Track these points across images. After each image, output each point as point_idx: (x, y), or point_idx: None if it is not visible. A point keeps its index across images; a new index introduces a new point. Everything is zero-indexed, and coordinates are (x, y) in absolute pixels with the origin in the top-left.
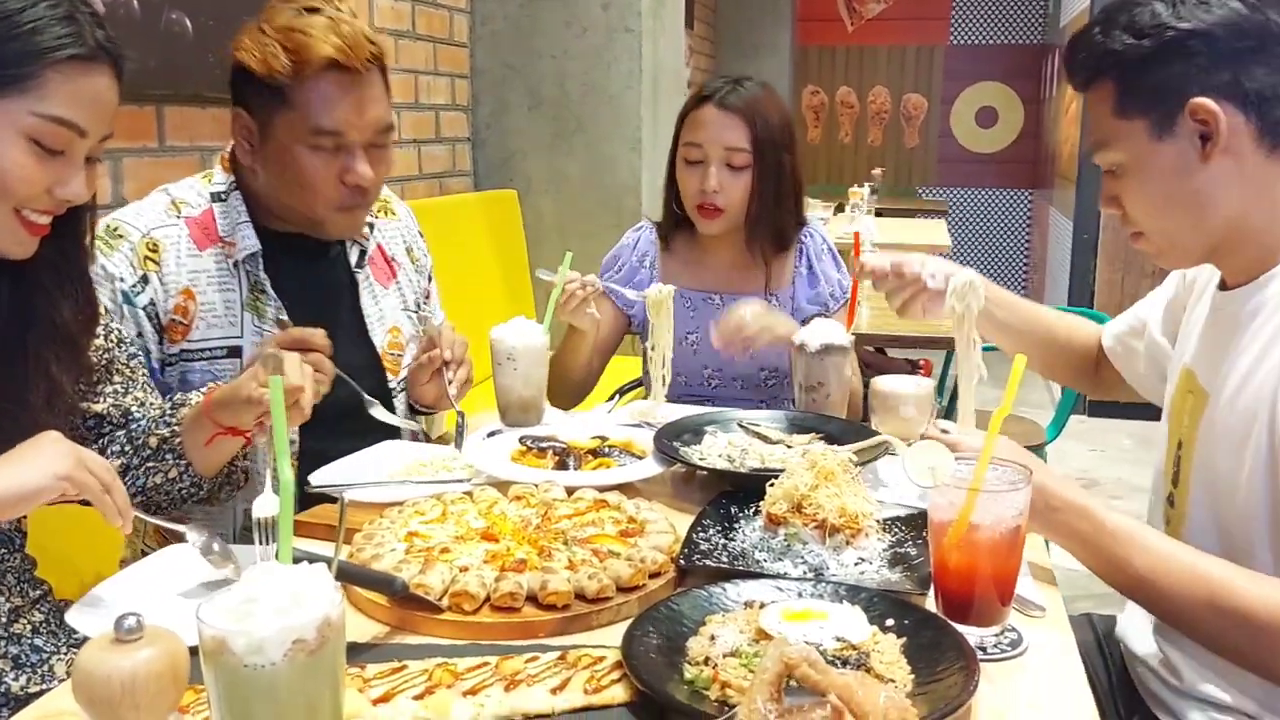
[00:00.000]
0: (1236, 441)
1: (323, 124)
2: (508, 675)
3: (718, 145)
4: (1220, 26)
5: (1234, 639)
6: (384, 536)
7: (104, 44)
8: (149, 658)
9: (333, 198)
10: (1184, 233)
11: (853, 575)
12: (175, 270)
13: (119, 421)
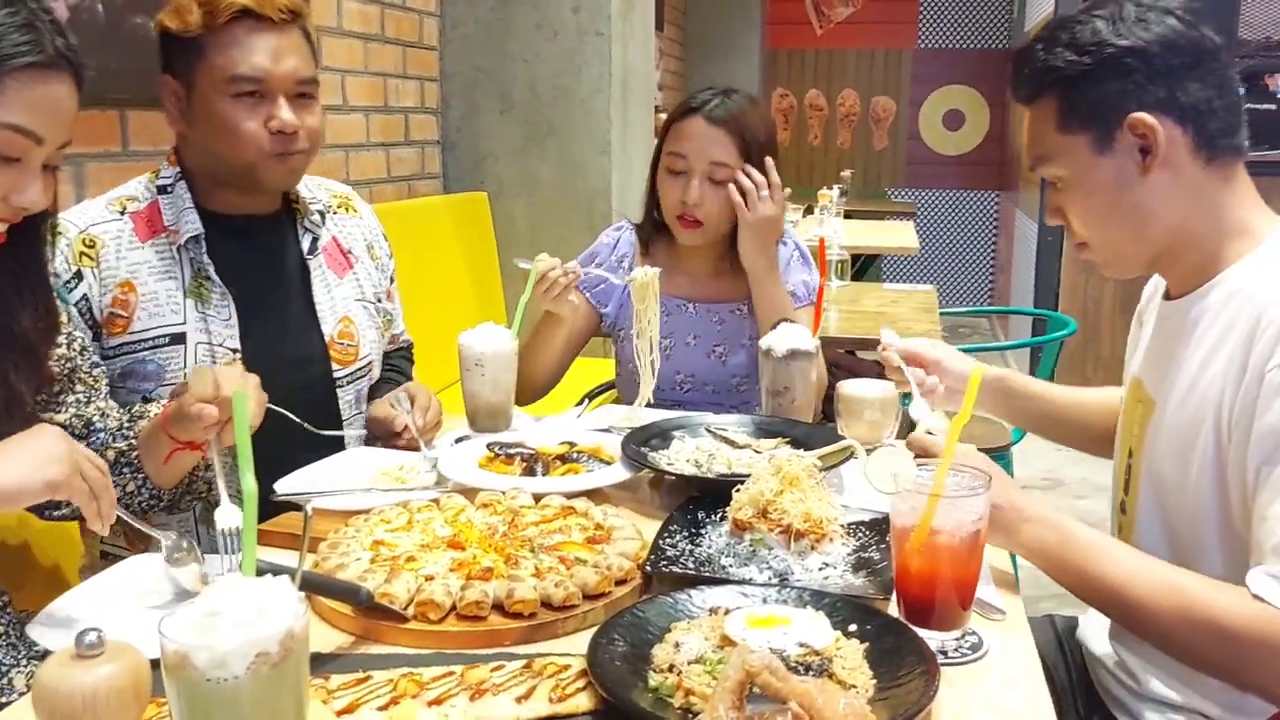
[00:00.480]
0: (1183, 447)
1: (240, 70)
2: (473, 684)
3: (702, 158)
4: (1156, 44)
5: (1206, 649)
6: (349, 545)
7: (63, 52)
8: (110, 673)
9: (262, 145)
10: (1126, 243)
11: (817, 580)
12: (114, 264)
13: (81, 433)
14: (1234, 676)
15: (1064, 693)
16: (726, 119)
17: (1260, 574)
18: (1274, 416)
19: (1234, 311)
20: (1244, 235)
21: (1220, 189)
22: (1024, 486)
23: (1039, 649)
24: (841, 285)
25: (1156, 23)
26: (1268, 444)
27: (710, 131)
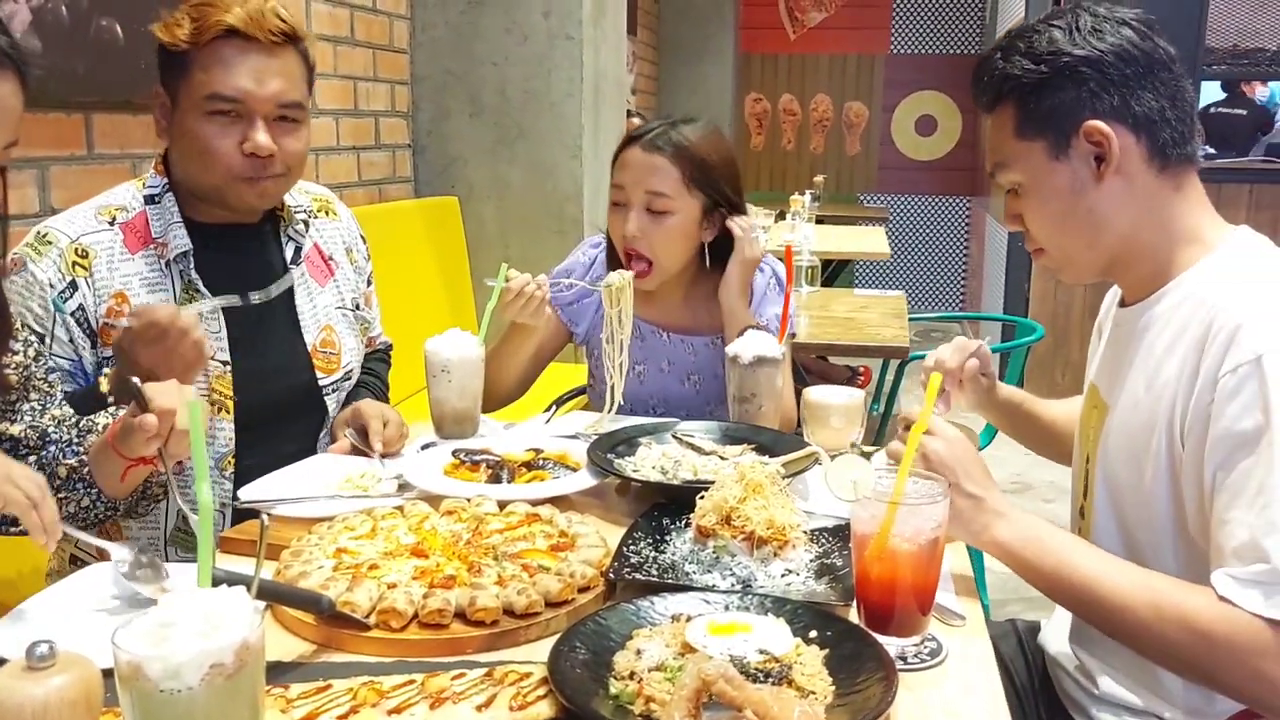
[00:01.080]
0: (1136, 451)
1: (216, 89)
2: (433, 693)
3: (639, 188)
4: (1111, 53)
5: (1178, 647)
6: (312, 553)
7: (6, 50)
8: (61, 685)
9: (233, 167)
10: (1080, 249)
11: (780, 587)
12: (107, 275)
13: (35, 444)
14: (1204, 675)
15: (1025, 695)
16: (665, 147)
17: (1223, 576)
18: (1228, 422)
19: (1185, 317)
20: (1195, 242)
21: (1172, 197)
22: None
23: (1002, 652)
24: (811, 291)
25: (1111, 33)
26: (1223, 449)
27: (647, 160)
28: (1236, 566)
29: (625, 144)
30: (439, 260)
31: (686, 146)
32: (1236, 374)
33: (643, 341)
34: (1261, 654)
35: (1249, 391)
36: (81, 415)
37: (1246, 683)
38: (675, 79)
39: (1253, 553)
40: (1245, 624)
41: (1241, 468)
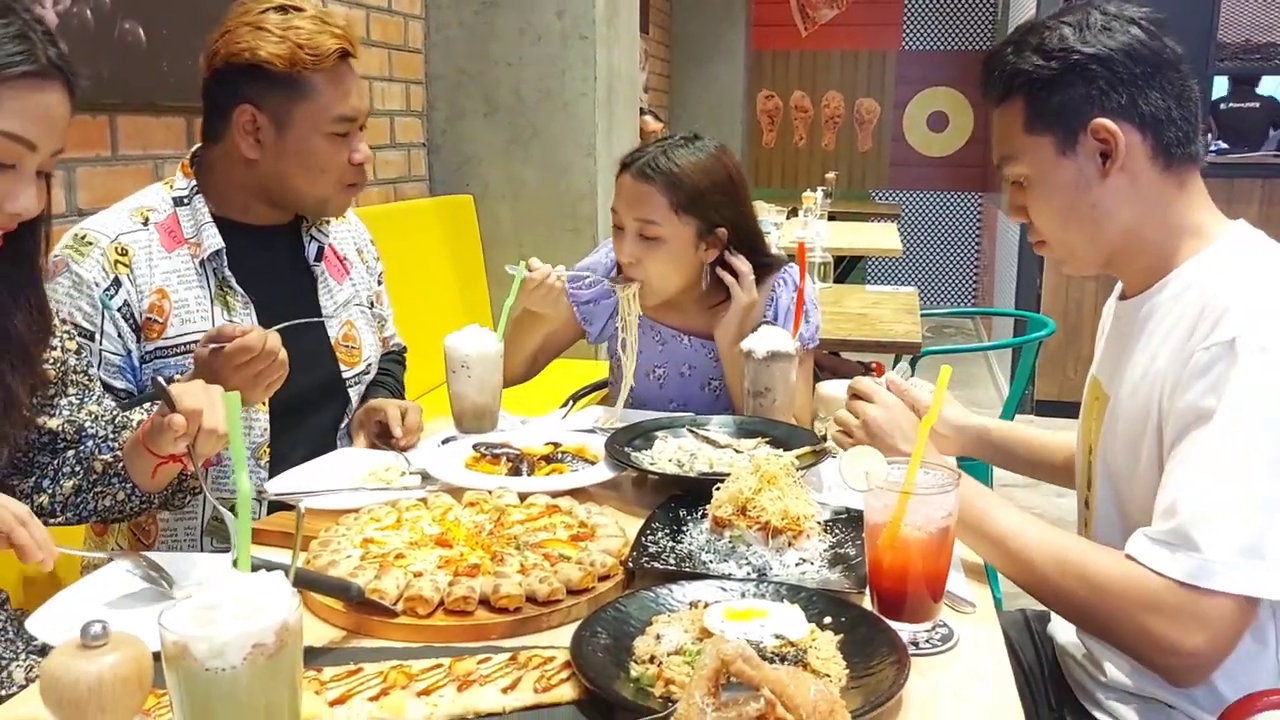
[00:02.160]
0: (1132, 438)
1: (344, 111)
2: (460, 676)
3: (630, 215)
4: (1120, 52)
5: (1075, 599)
6: (340, 543)
7: (56, 61)
8: (114, 662)
9: (342, 178)
10: (1082, 242)
11: (794, 575)
12: (147, 272)
13: (72, 438)
14: (1096, 627)
15: (1035, 683)
16: (654, 175)
17: (1139, 536)
18: (1193, 396)
19: (1183, 306)
20: (1196, 236)
21: (1174, 194)
22: (1004, 485)
23: (1013, 642)
24: (824, 287)
25: (1121, 32)
26: (1182, 421)
27: (636, 187)
28: (1157, 527)
29: (620, 169)
30: (454, 258)
31: (676, 174)
32: (1209, 352)
33: (663, 346)
34: (1149, 609)
35: (1216, 371)
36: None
37: (1131, 636)
38: (687, 77)
39: (1170, 514)
40: (1140, 578)
41: (1190, 437)
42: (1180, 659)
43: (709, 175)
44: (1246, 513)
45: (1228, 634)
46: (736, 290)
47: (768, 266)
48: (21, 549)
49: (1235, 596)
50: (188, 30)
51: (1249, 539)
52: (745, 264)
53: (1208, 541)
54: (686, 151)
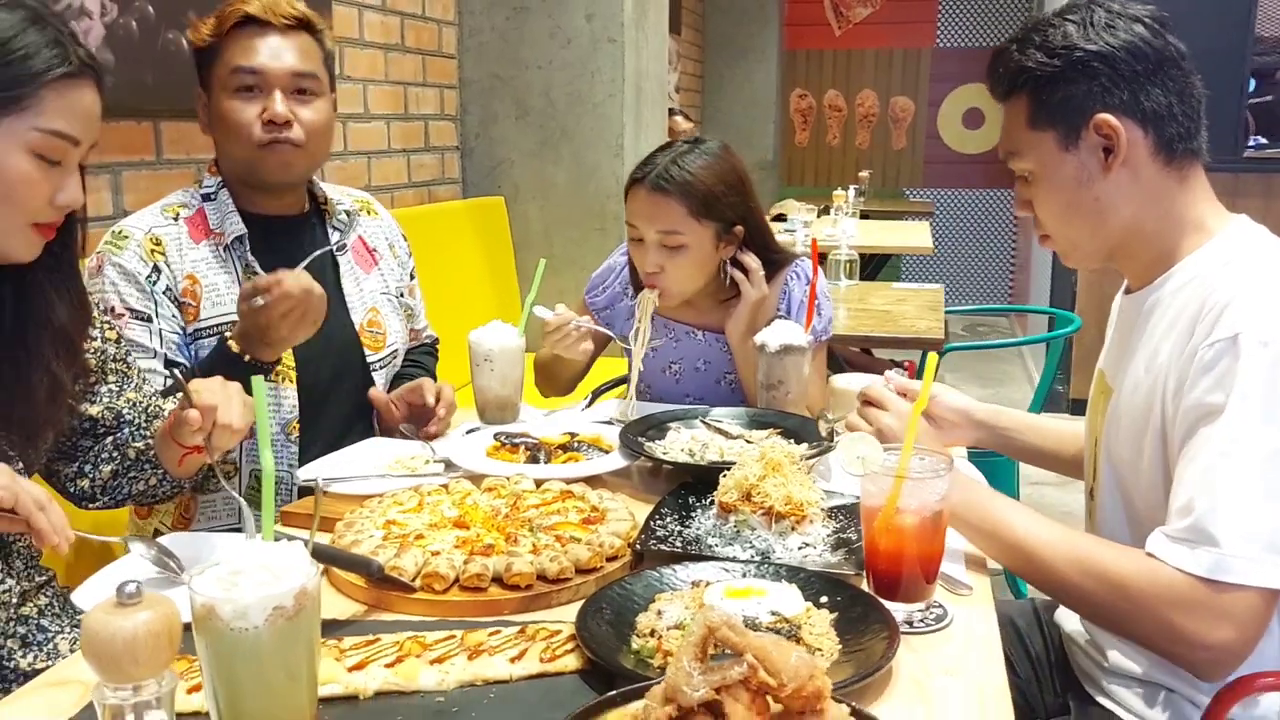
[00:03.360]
0: (1136, 431)
1: (239, 63)
2: (471, 646)
3: (650, 227)
4: (1123, 49)
5: (1097, 598)
6: (364, 524)
7: (86, 61)
8: (147, 619)
9: (255, 135)
10: (1084, 236)
11: (796, 559)
12: (178, 259)
13: (111, 424)
14: (1119, 626)
15: (1042, 670)
16: (669, 185)
17: (1158, 534)
18: (1199, 393)
19: (1185, 300)
20: (1198, 231)
21: (1175, 189)
22: (1035, 484)
23: (1021, 631)
24: (850, 284)
25: (1124, 29)
26: (1190, 418)
27: (654, 199)
28: (1174, 525)
29: (632, 182)
30: (486, 258)
31: (690, 181)
32: (1213, 349)
33: (678, 342)
34: (1173, 605)
35: (1221, 367)
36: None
37: (1157, 633)
38: (720, 77)
39: (1187, 512)
40: (1164, 576)
41: (1201, 434)
42: (1209, 653)
43: (721, 177)
44: (1261, 506)
45: (1253, 626)
46: (746, 286)
47: (778, 262)
48: (39, 533)
49: (1257, 589)
50: None
51: (1265, 532)
52: (755, 260)
53: (1225, 536)
54: (695, 157)
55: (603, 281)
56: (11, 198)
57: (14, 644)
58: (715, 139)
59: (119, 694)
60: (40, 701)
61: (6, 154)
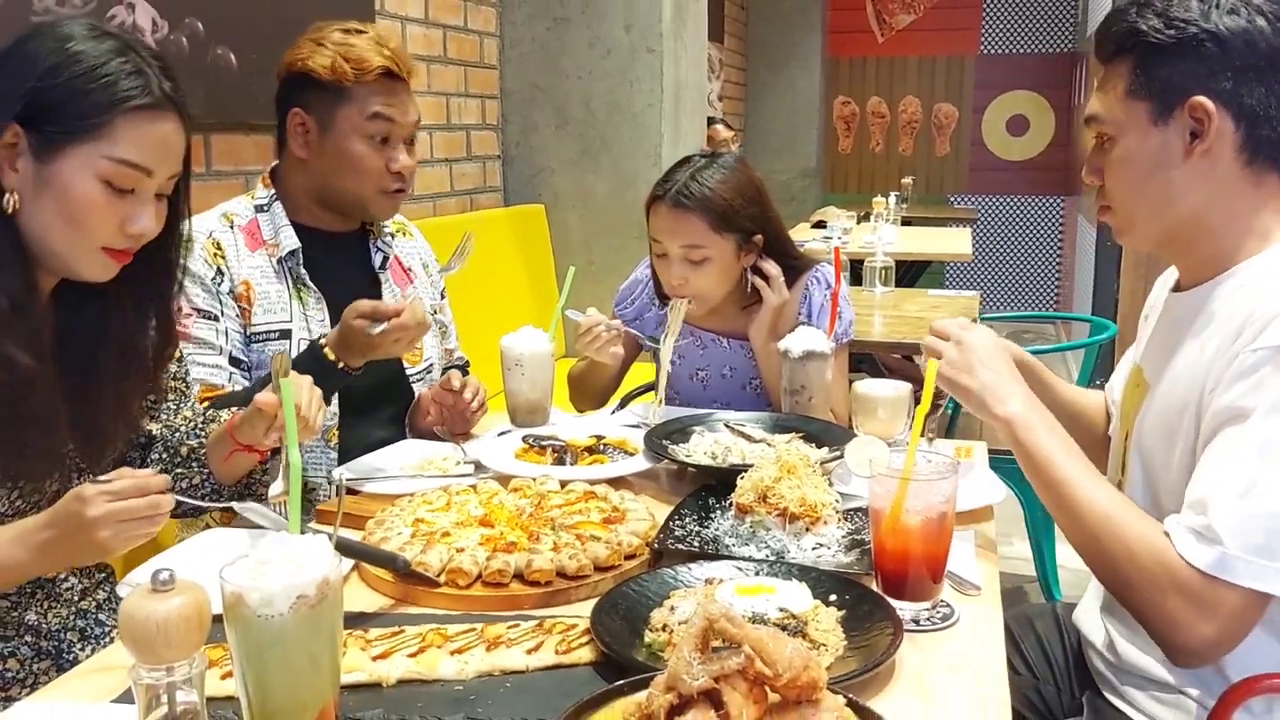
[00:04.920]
0: (1168, 428)
1: (379, 110)
2: (490, 639)
3: (673, 243)
4: (1239, 37)
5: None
6: (393, 522)
7: (169, 94)
8: (180, 604)
9: (380, 183)
10: (1146, 216)
11: (810, 558)
12: (236, 264)
13: (165, 436)
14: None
15: (1059, 671)
16: (689, 201)
17: (1173, 519)
18: (1232, 396)
19: (1234, 306)
20: (1260, 238)
21: (1248, 191)
22: None
23: (1040, 634)
24: (885, 291)
25: (1245, 17)
26: (1219, 418)
27: (676, 215)
28: (1189, 514)
29: (653, 199)
30: (526, 265)
31: (709, 196)
32: (1255, 355)
33: (703, 350)
34: (1170, 588)
35: (1260, 374)
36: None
37: (1150, 608)
38: (763, 84)
39: (1201, 507)
40: (1170, 557)
41: (1225, 434)
42: (1188, 641)
43: (738, 190)
44: (1270, 512)
45: (1236, 626)
46: (768, 293)
47: (798, 268)
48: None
49: (1248, 591)
50: (275, 54)
51: (1268, 537)
52: (775, 267)
53: (1230, 536)
54: (712, 172)
55: (630, 294)
56: (80, 222)
57: (73, 636)
58: (731, 152)
59: (153, 674)
60: (87, 685)
61: (77, 180)
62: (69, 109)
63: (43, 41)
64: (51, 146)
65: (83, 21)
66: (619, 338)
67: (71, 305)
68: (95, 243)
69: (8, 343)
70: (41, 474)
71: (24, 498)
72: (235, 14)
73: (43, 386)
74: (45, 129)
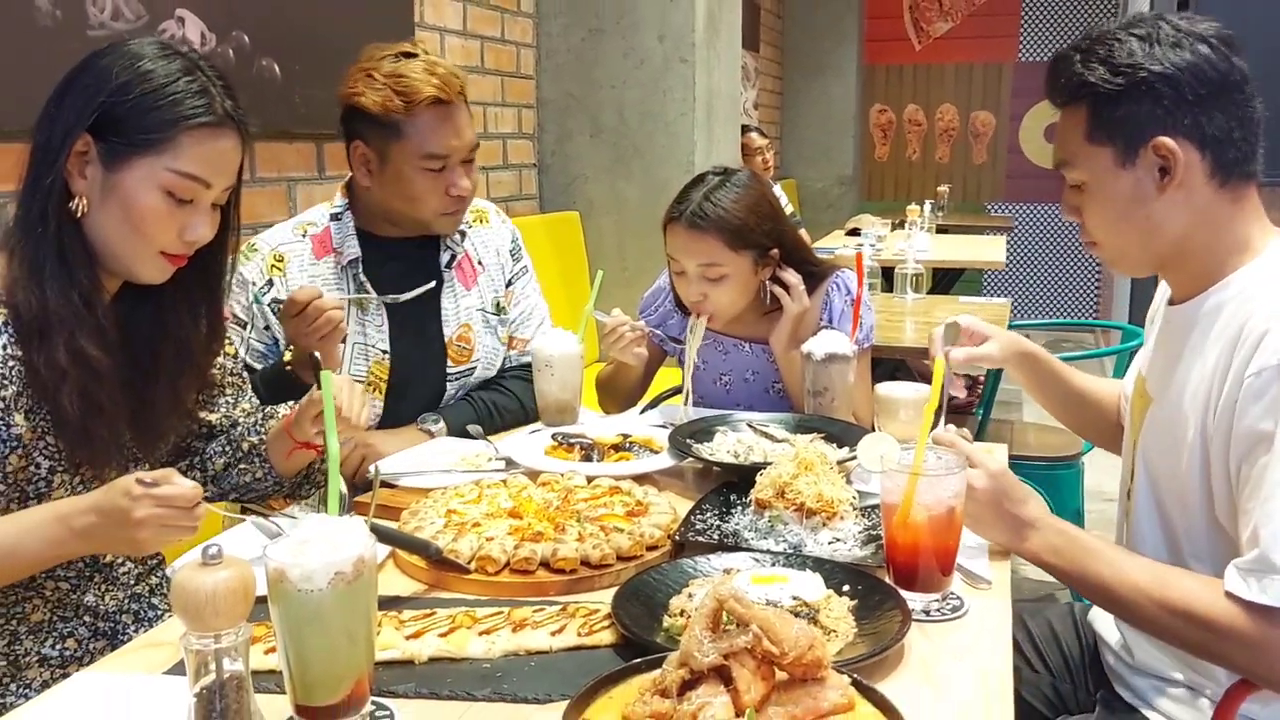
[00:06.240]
0: (1173, 442)
1: (432, 150)
2: (516, 621)
3: (691, 262)
4: (1187, 71)
5: (1185, 635)
6: (427, 513)
7: (230, 112)
8: (227, 576)
9: (439, 207)
10: (1133, 249)
11: (826, 552)
12: (297, 275)
13: (225, 428)
14: (1213, 659)
15: (1076, 671)
16: (704, 222)
17: (1232, 570)
18: (1251, 420)
19: (1227, 317)
20: (1245, 249)
21: (1228, 208)
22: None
23: (1057, 633)
24: (916, 298)
25: (1189, 49)
26: (1244, 445)
27: (690, 236)
28: (1248, 557)
29: (669, 219)
30: (562, 271)
31: (724, 215)
32: (1261, 377)
33: (726, 355)
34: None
35: (1271, 394)
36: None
37: (1246, 667)
38: (799, 92)
39: (1253, 542)
40: (1242, 613)
41: (1259, 464)
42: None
43: (751, 207)
44: None
45: None
46: (788, 301)
47: (817, 275)
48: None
49: None
50: (317, 65)
51: None
52: (795, 276)
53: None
54: (725, 191)
55: (654, 300)
56: (142, 229)
57: (128, 619)
58: (744, 170)
59: (202, 641)
60: (139, 659)
61: (141, 190)
62: (137, 123)
63: (115, 59)
64: (119, 157)
65: (152, 40)
66: (643, 338)
67: (132, 305)
68: (155, 247)
69: (81, 336)
70: (103, 463)
71: (85, 485)
72: (279, 27)
73: (109, 380)
74: (114, 140)
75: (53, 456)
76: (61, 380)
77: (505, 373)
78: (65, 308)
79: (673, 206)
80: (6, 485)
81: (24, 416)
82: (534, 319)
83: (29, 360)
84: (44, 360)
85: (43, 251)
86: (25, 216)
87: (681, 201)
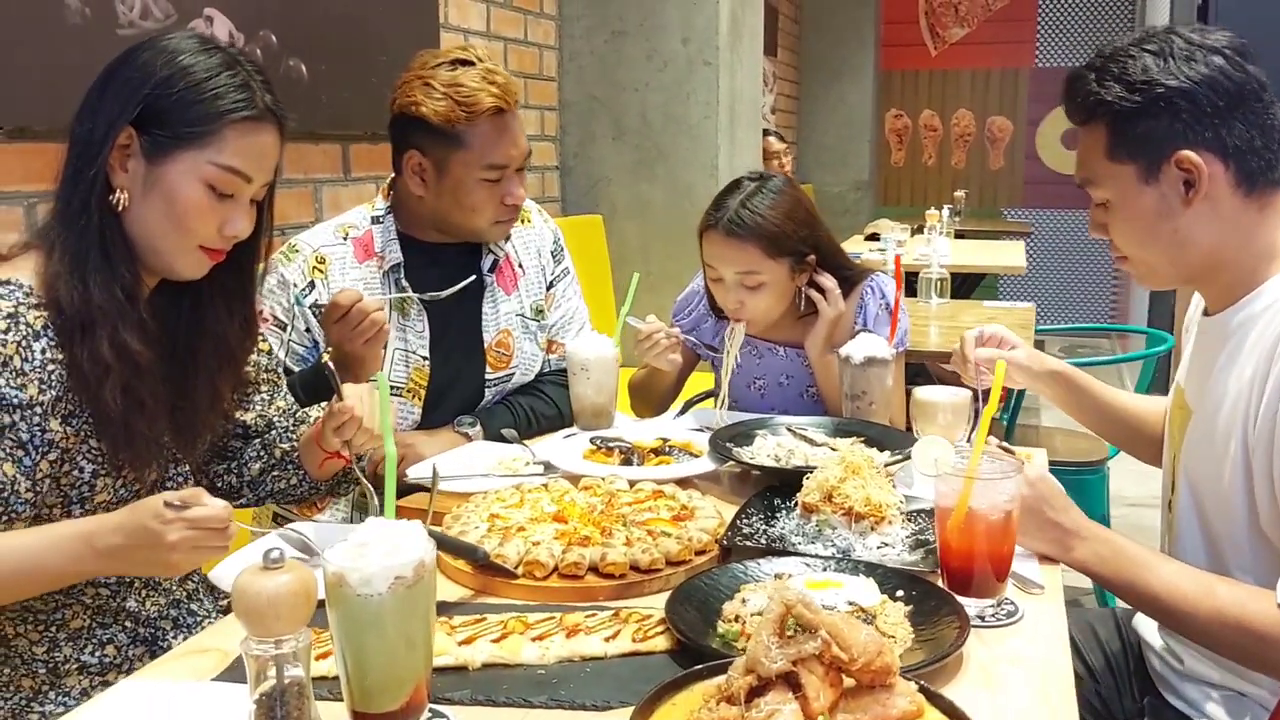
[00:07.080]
0: (1215, 453)
1: (493, 160)
2: (569, 627)
3: (729, 270)
4: (1203, 84)
5: (1238, 648)
6: (470, 517)
7: (271, 107)
8: (289, 580)
9: (495, 215)
10: (1163, 263)
11: (875, 556)
12: (339, 278)
13: (262, 430)
14: (1264, 669)
15: (1120, 675)
16: (741, 230)
17: None
18: None
19: (1262, 327)
20: (1275, 256)
21: (1256, 217)
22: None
23: (1100, 638)
24: (941, 303)
25: (1203, 62)
26: None
27: (730, 243)
28: None
29: (706, 226)
30: (585, 275)
31: (761, 224)
32: None
33: (760, 359)
34: None
35: None
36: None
37: None
38: (815, 97)
39: None
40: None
41: None
42: None
43: (788, 214)
44: None
45: None
46: (824, 305)
47: (852, 279)
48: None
49: None
50: (343, 66)
51: None
52: (830, 280)
53: None
54: (762, 197)
55: (688, 304)
56: (183, 223)
57: (167, 625)
58: (779, 175)
59: (262, 646)
60: (184, 665)
61: (183, 183)
62: (180, 117)
63: (156, 53)
64: (161, 151)
65: (191, 35)
66: (678, 345)
67: (169, 301)
68: (195, 241)
69: (124, 331)
70: (143, 463)
71: (126, 487)
72: (307, 27)
73: (150, 376)
74: (158, 133)
75: (95, 460)
76: (105, 375)
77: (543, 378)
78: (109, 302)
79: (708, 214)
80: (47, 490)
81: (62, 422)
82: (574, 324)
83: (71, 357)
84: (87, 355)
85: (85, 245)
86: (65, 210)
87: (717, 209)
